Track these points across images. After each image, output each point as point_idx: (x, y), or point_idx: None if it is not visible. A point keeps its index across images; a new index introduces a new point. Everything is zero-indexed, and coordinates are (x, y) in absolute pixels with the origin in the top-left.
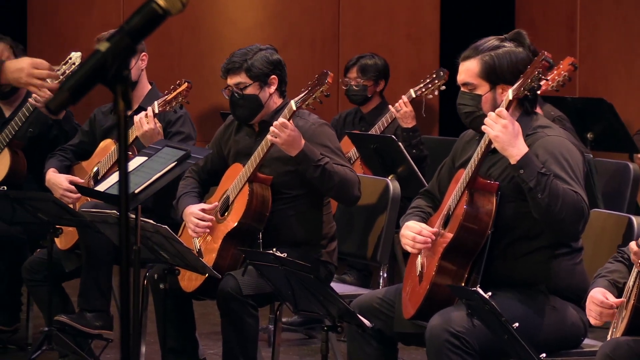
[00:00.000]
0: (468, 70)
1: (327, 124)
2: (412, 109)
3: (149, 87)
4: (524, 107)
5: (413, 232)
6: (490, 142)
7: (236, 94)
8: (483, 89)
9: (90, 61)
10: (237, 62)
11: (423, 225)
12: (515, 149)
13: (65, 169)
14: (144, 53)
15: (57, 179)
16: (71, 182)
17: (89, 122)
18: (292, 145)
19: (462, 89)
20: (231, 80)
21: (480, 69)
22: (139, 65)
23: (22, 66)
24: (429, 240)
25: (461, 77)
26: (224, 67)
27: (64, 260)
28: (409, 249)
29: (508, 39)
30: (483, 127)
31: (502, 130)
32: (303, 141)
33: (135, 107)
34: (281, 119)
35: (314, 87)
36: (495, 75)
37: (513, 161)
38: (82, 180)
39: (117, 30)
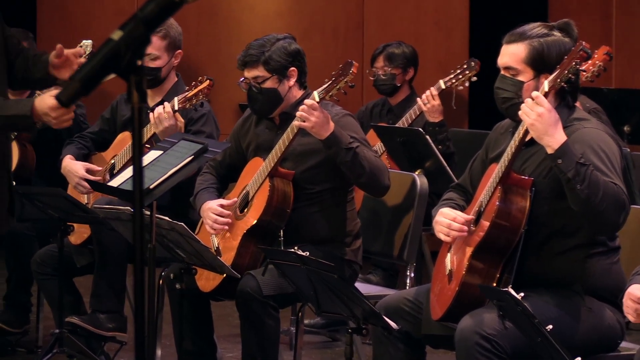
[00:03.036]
0: (513, 54)
1: (351, 115)
2: (440, 102)
3: (175, 79)
4: (564, 99)
5: (448, 219)
6: (525, 133)
7: (254, 88)
8: (526, 75)
9: (103, 50)
10: (254, 55)
11: (458, 212)
12: (553, 137)
13: (83, 158)
14: (179, 51)
15: (73, 166)
16: (88, 171)
17: (110, 109)
18: (322, 127)
19: (502, 72)
20: (248, 74)
21: (528, 54)
22: (171, 63)
23: (46, 111)
24: (465, 228)
25: (504, 60)
26: (241, 59)
27: (75, 255)
28: (443, 237)
29: (556, 27)
30: (520, 113)
31: (539, 119)
32: (332, 123)
33: (159, 99)
34: (308, 100)
35: (338, 77)
36: (542, 63)
37: (550, 150)
38: (100, 168)
39: (131, 17)
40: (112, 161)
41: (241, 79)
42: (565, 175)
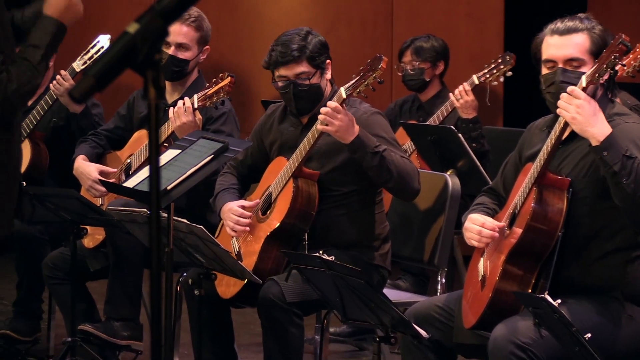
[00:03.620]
0: (578, 44)
1: (380, 113)
2: (473, 97)
3: (196, 75)
4: (604, 95)
5: (477, 224)
6: (563, 130)
7: (300, 87)
8: (589, 67)
9: (118, 44)
10: (296, 51)
11: (487, 217)
12: (596, 128)
13: (97, 157)
14: (207, 47)
15: (86, 168)
16: (102, 173)
17: (126, 105)
18: (346, 131)
19: (560, 65)
20: (289, 71)
21: (592, 44)
22: (199, 58)
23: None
24: (496, 232)
25: (568, 52)
26: (277, 57)
27: (89, 259)
28: (474, 243)
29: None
30: (557, 110)
31: (578, 111)
32: (357, 126)
33: (178, 96)
34: (331, 103)
35: (366, 73)
36: (600, 54)
37: (595, 142)
38: (114, 170)
39: (148, 10)
40: (128, 161)
41: (277, 76)
42: (611, 168)
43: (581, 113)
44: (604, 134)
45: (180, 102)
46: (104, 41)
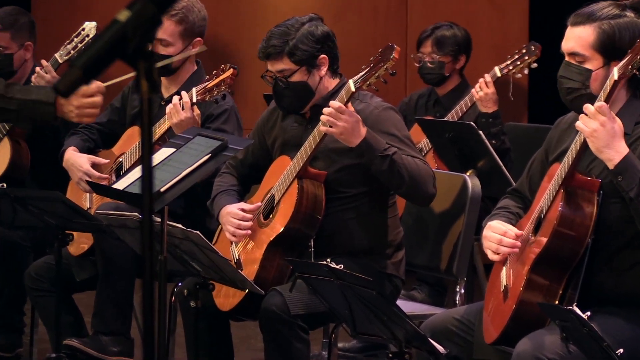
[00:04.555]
0: (580, 38)
1: (392, 108)
2: (494, 90)
3: (194, 68)
4: (637, 90)
5: (497, 233)
6: None
7: (280, 83)
8: (595, 63)
9: (107, 33)
10: (276, 45)
11: (509, 226)
12: (613, 150)
13: (87, 151)
14: (198, 39)
15: (77, 159)
16: (94, 166)
17: (121, 97)
18: (351, 133)
19: (567, 58)
20: (272, 67)
21: (597, 38)
22: (188, 50)
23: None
24: (517, 244)
25: (569, 45)
26: (262, 50)
27: (75, 268)
28: (492, 255)
29: (629, 7)
30: (576, 124)
31: (599, 129)
32: (364, 128)
33: (174, 90)
34: (335, 102)
35: (377, 64)
36: (612, 49)
37: (611, 166)
38: (107, 161)
39: None
40: (120, 160)
41: (265, 71)
42: (627, 194)
43: (602, 131)
44: (619, 157)
45: (176, 98)
46: (89, 29)
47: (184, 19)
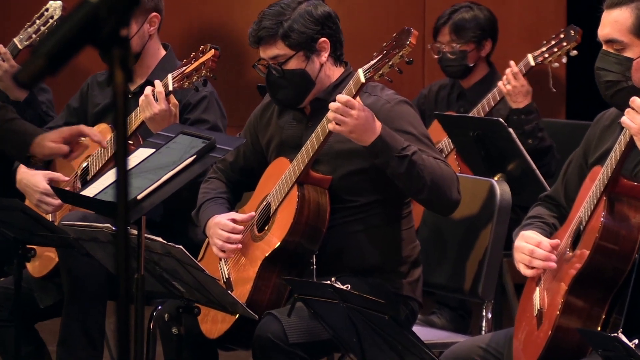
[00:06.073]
0: (616, 22)
1: (407, 102)
2: (525, 82)
3: (163, 53)
4: None
5: (530, 244)
6: None
7: (274, 71)
8: (636, 50)
9: (76, 15)
10: (269, 28)
11: (543, 237)
12: None
13: (44, 164)
14: (154, 13)
15: (31, 178)
16: (51, 181)
17: (79, 95)
18: (364, 131)
19: (604, 47)
20: (265, 53)
21: (635, 21)
22: (145, 30)
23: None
24: (553, 257)
25: (605, 32)
26: (253, 34)
27: (38, 293)
28: (524, 270)
29: None
30: (622, 119)
31: None
32: (378, 123)
33: (141, 81)
34: (342, 96)
35: (390, 51)
36: None
37: None
38: (67, 178)
39: None
40: (85, 164)
41: (258, 60)
42: None
43: None
44: None
45: (149, 88)
46: (54, 9)
47: None
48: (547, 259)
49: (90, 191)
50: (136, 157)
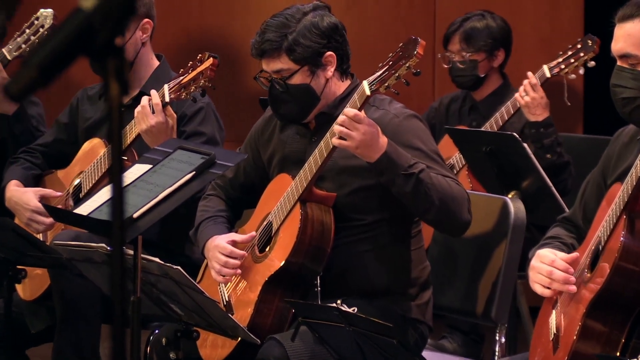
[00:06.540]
0: (629, 35)
1: (416, 116)
2: (543, 94)
3: (156, 63)
4: None
5: (547, 263)
6: None
7: (277, 86)
8: None
9: (70, 24)
10: (273, 41)
11: (560, 253)
12: None
13: (34, 181)
14: (146, 20)
15: (22, 197)
16: (42, 199)
17: (69, 110)
18: (370, 146)
19: (618, 62)
20: (268, 66)
21: None
22: (137, 37)
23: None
24: (572, 279)
25: (618, 46)
26: (256, 46)
27: (29, 317)
28: (541, 290)
29: None
30: None
31: None
32: (384, 139)
33: (134, 92)
34: (350, 110)
35: (397, 61)
36: None
37: None
38: (59, 194)
39: None
40: (77, 181)
41: (259, 72)
42: None
43: None
44: None
45: (145, 99)
46: (44, 18)
47: None
48: (565, 281)
49: (84, 209)
50: (132, 174)
